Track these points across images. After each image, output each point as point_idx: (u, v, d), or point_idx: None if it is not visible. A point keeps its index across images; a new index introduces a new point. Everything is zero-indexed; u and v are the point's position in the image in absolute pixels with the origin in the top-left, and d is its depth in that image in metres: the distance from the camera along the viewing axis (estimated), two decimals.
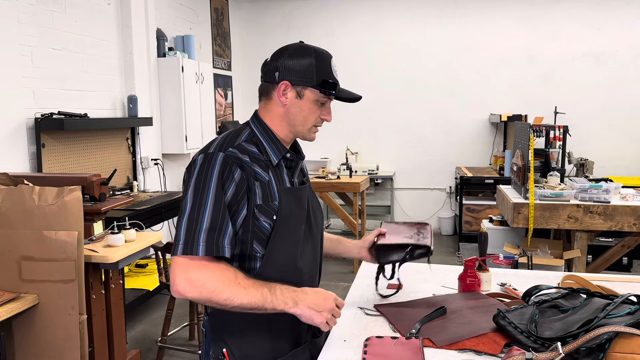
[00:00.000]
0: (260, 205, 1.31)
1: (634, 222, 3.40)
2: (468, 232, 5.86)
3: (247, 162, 1.31)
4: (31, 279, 2.24)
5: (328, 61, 1.39)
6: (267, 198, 1.32)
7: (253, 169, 1.31)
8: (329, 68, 1.38)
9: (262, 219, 1.31)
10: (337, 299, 1.34)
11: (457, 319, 1.50)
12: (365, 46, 6.77)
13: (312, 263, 1.46)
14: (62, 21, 3.86)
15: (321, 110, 1.41)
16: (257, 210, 1.31)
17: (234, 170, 1.27)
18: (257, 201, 1.31)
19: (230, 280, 1.23)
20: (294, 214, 1.37)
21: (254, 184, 1.30)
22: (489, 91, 6.52)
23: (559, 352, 1.13)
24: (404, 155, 6.86)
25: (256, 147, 1.36)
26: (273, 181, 1.35)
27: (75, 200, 2.24)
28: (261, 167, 1.33)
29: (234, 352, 1.34)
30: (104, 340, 2.71)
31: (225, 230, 1.25)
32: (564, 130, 4.16)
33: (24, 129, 3.48)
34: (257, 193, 1.31)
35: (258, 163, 1.33)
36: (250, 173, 1.30)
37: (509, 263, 2.56)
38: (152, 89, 4.86)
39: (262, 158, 1.35)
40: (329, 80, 1.36)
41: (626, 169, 6.13)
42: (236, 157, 1.29)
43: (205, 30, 6.11)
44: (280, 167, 1.39)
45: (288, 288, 1.29)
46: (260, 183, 1.31)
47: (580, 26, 6.23)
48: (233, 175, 1.27)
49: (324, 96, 1.38)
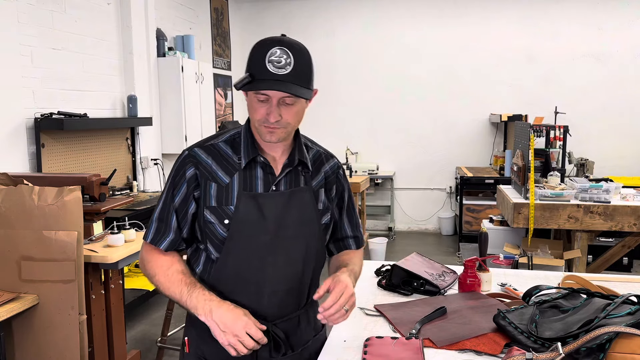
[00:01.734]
0: (214, 208, 1.29)
1: (634, 222, 3.40)
2: (468, 232, 5.86)
3: (207, 163, 1.31)
4: (31, 279, 2.24)
5: (262, 52, 1.21)
6: (222, 201, 1.29)
7: (212, 170, 1.30)
8: (258, 60, 1.21)
9: (215, 223, 1.29)
10: (249, 326, 1.20)
11: (457, 319, 1.49)
12: (365, 46, 6.77)
13: (279, 278, 1.32)
14: (62, 21, 3.86)
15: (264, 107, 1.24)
16: (208, 211, 1.30)
17: (187, 169, 1.32)
18: (210, 202, 1.30)
19: (162, 269, 1.32)
20: (253, 221, 1.29)
21: (208, 184, 1.30)
22: (489, 91, 6.52)
23: (559, 352, 1.13)
24: (404, 155, 6.86)
25: (232, 148, 1.33)
26: (235, 185, 1.30)
27: (75, 200, 2.23)
28: (225, 169, 1.31)
29: (191, 342, 1.38)
30: (104, 340, 2.71)
31: (169, 225, 1.34)
32: (564, 130, 4.16)
33: (24, 129, 3.48)
34: (212, 194, 1.30)
35: (223, 165, 1.31)
36: (205, 173, 1.30)
37: (509, 263, 2.55)
38: (152, 89, 4.86)
39: (232, 160, 1.32)
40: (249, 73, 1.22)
41: (626, 169, 6.13)
42: (195, 156, 1.32)
43: (205, 30, 6.11)
44: (252, 170, 1.32)
45: (207, 295, 1.24)
46: (218, 185, 1.30)
47: (580, 26, 6.23)
48: (185, 174, 1.32)
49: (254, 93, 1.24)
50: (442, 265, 1.97)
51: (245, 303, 1.30)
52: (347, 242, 1.51)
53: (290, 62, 1.21)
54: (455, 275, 1.88)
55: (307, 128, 1.45)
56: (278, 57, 1.20)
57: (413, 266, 1.85)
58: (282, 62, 1.20)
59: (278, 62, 1.20)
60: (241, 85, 1.22)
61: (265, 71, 1.20)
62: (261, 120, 1.25)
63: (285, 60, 1.20)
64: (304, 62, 1.25)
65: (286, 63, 1.20)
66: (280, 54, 1.20)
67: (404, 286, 1.78)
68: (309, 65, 1.27)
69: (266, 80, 1.20)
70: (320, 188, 1.40)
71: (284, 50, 1.21)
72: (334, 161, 1.47)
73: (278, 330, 1.33)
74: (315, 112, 6.89)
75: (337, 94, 6.82)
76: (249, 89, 1.23)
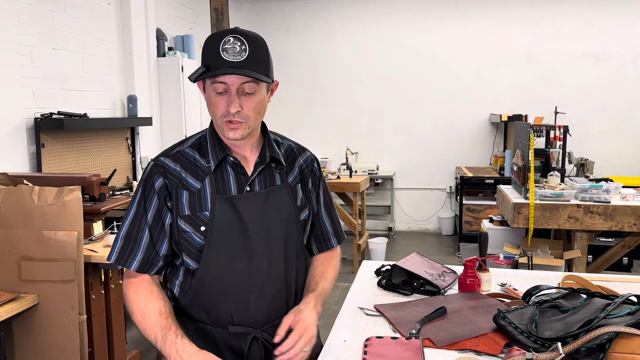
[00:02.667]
0: (188, 216, 1.24)
1: (634, 222, 3.40)
2: (468, 232, 5.86)
3: (175, 171, 1.26)
4: (31, 279, 2.24)
5: (215, 42, 1.18)
6: (196, 208, 1.24)
7: (181, 177, 1.26)
8: (211, 50, 1.18)
9: (191, 231, 1.24)
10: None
11: (457, 319, 1.49)
12: (365, 46, 6.77)
13: (264, 281, 1.29)
14: (62, 21, 3.86)
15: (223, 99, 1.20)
16: (182, 220, 1.25)
17: (155, 180, 1.26)
18: (184, 211, 1.24)
19: (139, 308, 1.24)
20: (231, 225, 1.24)
21: (179, 192, 1.25)
22: (489, 91, 6.52)
23: (559, 352, 1.13)
24: (404, 155, 6.86)
25: (199, 152, 1.29)
26: (207, 189, 1.25)
27: (75, 200, 2.24)
28: (195, 175, 1.26)
29: None
30: (104, 340, 2.71)
31: (138, 242, 1.25)
32: (564, 130, 4.16)
33: (24, 129, 3.48)
34: (184, 203, 1.25)
35: (192, 171, 1.27)
36: (175, 182, 1.25)
37: (509, 263, 2.55)
38: (152, 89, 4.86)
39: (200, 164, 1.28)
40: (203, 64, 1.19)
41: (626, 169, 6.13)
42: (162, 166, 1.27)
43: (205, 30, 6.11)
44: (223, 172, 1.28)
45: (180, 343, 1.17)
46: (189, 192, 1.25)
47: (580, 26, 6.23)
48: (154, 185, 1.26)
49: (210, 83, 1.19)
50: (442, 265, 1.97)
51: (231, 311, 1.27)
52: (329, 239, 1.47)
53: (245, 49, 1.17)
54: (455, 275, 1.88)
55: (308, 128, 1.44)
56: (232, 45, 1.16)
57: (413, 266, 1.85)
58: (237, 49, 1.16)
59: (233, 50, 1.16)
60: (196, 76, 1.17)
61: (220, 60, 1.16)
62: (222, 114, 1.20)
63: (240, 47, 1.17)
64: (260, 50, 1.20)
65: (241, 50, 1.17)
66: (234, 42, 1.17)
67: (404, 286, 1.78)
68: (265, 54, 1.22)
69: (222, 67, 1.16)
70: (297, 183, 1.36)
71: (237, 37, 1.17)
72: (307, 154, 1.43)
73: (267, 335, 1.29)
74: (315, 112, 6.90)
75: (337, 94, 6.82)
76: (205, 77, 1.18)
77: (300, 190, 1.37)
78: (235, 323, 1.28)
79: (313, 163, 1.43)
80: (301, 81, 6.86)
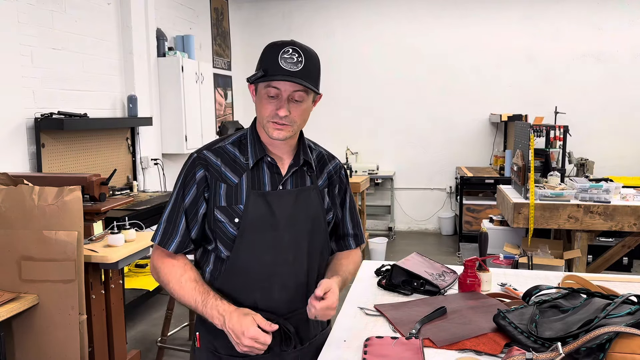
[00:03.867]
0: (224, 207, 1.34)
1: (634, 222, 3.40)
2: (468, 232, 5.86)
3: (216, 165, 1.36)
4: (31, 279, 2.24)
5: (275, 50, 1.29)
6: (232, 200, 1.34)
7: (221, 171, 1.36)
8: (271, 57, 1.28)
9: (225, 222, 1.34)
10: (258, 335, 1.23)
11: (457, 319, 1.50)
12: (365, 46, 6.77)
13: (289, 274, 1.37)
14: (62, 21, 3.86)
15: (273, 103, 1.30)
16: (219, 211, 1.34)
17: (197, 171, 1.36)
18: (220, 202, 1.34)
19: (175, 278, 1.35)
20: (263, 219, 1.34)
21: (218, 185, 1.35)
22: (489, 91, 6.52)
23: (559, 352, 1.13)
24: (404, 155, 6.86)
25: (239, 150, 1.39)
26: (244, 184, 1.35)
27: (75, 200, 2.24)
28: (234, 170, 1.36)
29: (202, 337, 1.43)
30: (104, 340, 2.71)
31: (177, 226, 1.37)
32: (564, 130, 4.16)
33: (24, 129, 3.48)
34: (221, 195, 1.35)
35: (232, 166, 1.37)
36: (215, 174, 1.36)
37: (509, 263, 2.55)
38: (152, 89, 4.86)
39: (240, 161, 1.37)
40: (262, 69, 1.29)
41: (626, 169, 6.13)
42: (205, 158, 1.37)
43: (205, 30, 6.11)
44: (259, 169, 1.37)
45: (220, 304, 1.29)
46: (227, 186, 1.35)
47: (580, 26, 6.23)
48: (195, 176, 1.36)
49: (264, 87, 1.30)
50: (442, 265, 1.97)
51: (256, 299, 1.35)
52: (348, 240, 1.55)
53: (301, 60, 1.28)
54: (455, 275, 1.88)
55: (308, 128, 1.46)
56: (290, 55, 1.27)
57: (413, 266, 1.85)
58: (294, 60, 1.27)
59: (290, 60, 1.27)
60: (255, 79, 1.28)
61: (278, 67, 1.27)
62: (270, 116, 1.31)
63: (297, 59, 1.28)
64: (314, 63, 1.32)
65: (298, 61, 1.28)
66: (292, 53, 1.28)
67: (404, 286, 1.78)
68: (317, 68, 1.34)
69: (279, 74, 1.27)
70: (325, 188, 1.46)
71: (296, 49, 1.29)
72: (336, 162, 1.53)
73: (288, 324, 1.36)
74: (316, 112, 6.88)
75: (337, 93, 6.82)
76: (263, 81, 1.28)
77: (327, 194, 1.47)
78: (260, 308, 1.35)
79: (341, 170, 1.53)
80: None
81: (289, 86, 1.28)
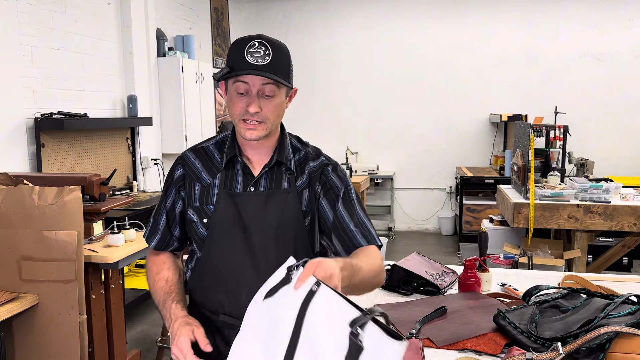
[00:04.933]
0: (196, 207, 1.36)
1: (634, 222, 3.39)
2: (468, 232, 5.86)
3: (194, 164, 1.38)
4: (31, 279, 2.24)
5: (240, 45, 1.24)
6: (203, 200, 1.35)
7: (197, 171, 1.37)
8: (237, 52, 1.24)
9: (197, 221, 1.35)
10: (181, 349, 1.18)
11: (457, 319, 1.49)
12: (365, 46, 6.77)
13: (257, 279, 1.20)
14: (62, 21, 3.86)
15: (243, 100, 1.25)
16: (192, 210, 1.36)
17: (176, 170, 1.40)
18: (194, 202, 1.36)
19: (152, 275, 1.40)
20: (230, 220, 1.31)
21: (193, 184, 1.37)
22: (489, 91, 6.52)
23: (559, 352, 1.13)
24: (404, 155, 6.86)
25: (219, 150, 1.39)
26: (216, 185, 1.34)
27: (75, 200, 2.23)
28: (209, 170, 1.37)
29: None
30: (104, 340, 2.71)
31: (159, 224, 1.43)
32: (564, 130, 4.16)
33: (24, 129, 3.48)
34: (195, 194, 1.36)
35: (208, 166, 1.37)
36: (191, 174, 1.38)
37: (509, 263, 2.55)
38: (152, 89, 4.86)
39: (216, 161, 1.38)
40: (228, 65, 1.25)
41: (626, 169, 6.13)
42: (184, 158, 1.41)
43: (205, 30, 6.11)
44: (233, 170, 1.35)
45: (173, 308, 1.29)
46: (201, 185, 1.36)
47: (580, 26, 6.23)
48: (174, 174, 1.40)
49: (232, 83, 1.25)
50: (442, 265, 1.97)
51: (224, 302, 1.34)
52: (352, 235, 1.34)
53: (269, 54, 1.23)
54: (455, 275, 1.88)
55: (307, 128, 1.45)
56: (256, 49, 1.23)
57: (413, 266, 1.85)
58: (261, 54, 1.23)
59: (257, 54, 1.22)
60: (220, 75, 1.24)
61: (244, 62, 1.22)
62: (240, 114, 1.26)
63: (264, 52, 1.23)
64: (283, 56, 1.27)
65: (265, 54, 1.23)
66: (259, 46, 1.23)
67: (404, 286, 1.78)
68: (287, 61, 1.29)
69: (245, 69, 1.22)
70: (305, 189, 1.35)
71: (262, 43, 1.24)
72: (321, 159, 1.40)
73: None
74: (315, 112, 6.90)
75: (337, 93, 6.82)
76: (229, 77, 1.24)
77: (307, 194, 1.35)
78: (226, 313, 1.34)
79: (326, 168, 1.38)
80: (301, 81, 6.85)
81: (258, 80, 1.23)
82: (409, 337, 1.38)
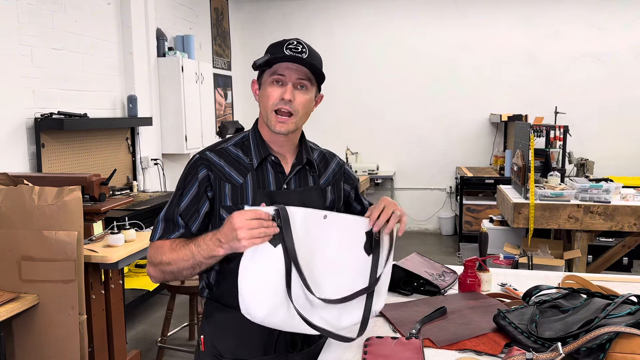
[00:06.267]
0: (229, 207, 1.35)
1: (634, 222, 3.39)
2: (468, 232, 5.86)
3: (219, 165, 1.37)
4: (31, 279, 2.24)
5: (280, 43, 1.34)
6: (237, 200, 1.35)
7: (225, 172, 1.36)
8: (276, 47, 1.32)
9: None
10: (245, 213, 1.15)
11: (457, 319, 1.49)
12: (365, 46, 6.77)
13: None
14: (62, 21, 3.86)
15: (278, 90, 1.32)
16: (224, 210, 1.35)
17: (199, 171, 1.36)
18: (226, 202, 1.35)
19: (167, 248, 1.31)
20: None
21: (222, 185, 1.35)
22: (489, 91, 6.52)
23: (559, 352, 1.13)
24: (404, 155, 6.86)
25: (242, 150, 1.40)
26: (249, 185, 1.36)
27: (75, 200, 2.23)
28: (238, 170, 1.37)
29: (206, 341, 1.43)
30: (104, 340, 2.71)
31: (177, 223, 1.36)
32: (564, 130, 4.16)
33: (24, 129, 3.48)
34: (226, 194, 1.35)
35: (236, 167, 1.37)
36: (219, 175, 1.36)
37: (509, 263, 2.55)
38: (152, 89, 4.86)
39: (243, 162, 1.38)
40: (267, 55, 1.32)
41: (626, 169, 6.13)
42: (207, 159, 1.37)
43: (205, 30, 6.11)
44: (263, 170, 1.38)
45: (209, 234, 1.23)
46: (232, 186, 1.35)
47: (580, 26, 6.23)
48: (197, 174, 1.36)
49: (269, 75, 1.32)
50: (442, 265, 1.97)
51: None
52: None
53: (305, 51, 1.32)
54: (455, 275, 1.88)
55: (307, 127, 1.46)
56: (295, 46, 1.32)
57: (413, 266, 1.85)
58: (299, 50, 1.31)
59: (295, 49, 1.31)
60: (262, 61, 1.30)
61: (284, 54, 1.30)
62: (274, 103, 1.31)
63: (301, 49, 1.32)
64: (317, 57, 1.36)
65: (302, 51, 1.31)
66: (297, 44, 1.32)
67: (404, 286, 1.78)
68: (320, 62, 1.37)
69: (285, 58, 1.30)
70: (328, 186, 1.48)
71: (300, 42, 1.34)
72: (337, 159, 1.55)
73: None
74: (315, 111, 6.88)
75: (337, 93, 6.82)
76: (270, 63, 1.30)
77: (330, 192, 1.48)
78: None
79: (344, 166, 1.56)
80: None
81: (294, 73, 1.30)
82: (409, 337, 1.38)
